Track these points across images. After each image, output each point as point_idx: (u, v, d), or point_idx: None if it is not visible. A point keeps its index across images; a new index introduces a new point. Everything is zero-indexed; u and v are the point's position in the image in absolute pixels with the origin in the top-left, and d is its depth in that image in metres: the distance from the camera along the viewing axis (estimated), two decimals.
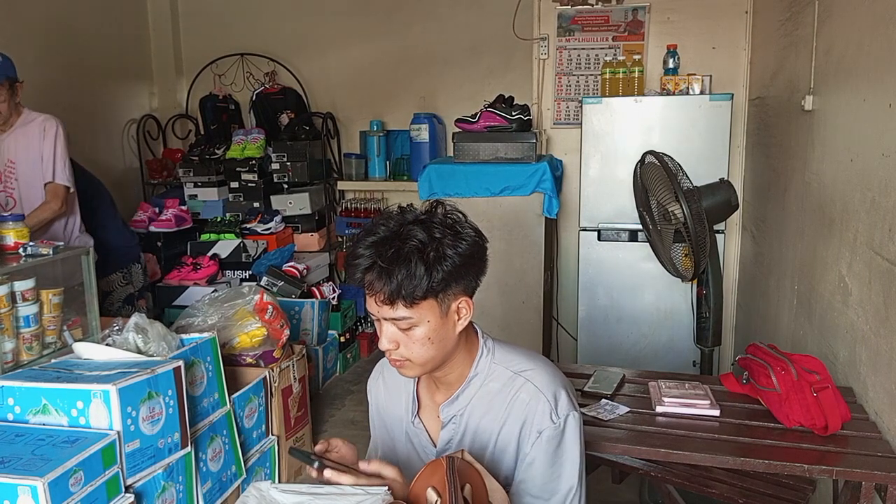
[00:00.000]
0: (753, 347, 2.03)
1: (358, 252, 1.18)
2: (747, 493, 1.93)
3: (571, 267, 3.81)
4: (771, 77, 3.12)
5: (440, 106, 4.69)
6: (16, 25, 3.91)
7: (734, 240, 3.70)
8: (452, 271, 1.17)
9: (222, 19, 5.01)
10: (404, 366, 1.25)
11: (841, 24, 2.22)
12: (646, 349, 3.44)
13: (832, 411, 1.76)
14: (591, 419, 1.88)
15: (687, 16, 3.62)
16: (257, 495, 1.11)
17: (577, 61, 3.80)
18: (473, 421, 1.30)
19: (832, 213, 2.21)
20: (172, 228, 4.20)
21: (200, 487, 2.20)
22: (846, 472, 1.65)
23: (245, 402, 2.55)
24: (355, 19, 4.79)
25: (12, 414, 1.88)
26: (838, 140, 2.20)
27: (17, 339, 2.28)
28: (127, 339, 2.18)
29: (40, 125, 2.97)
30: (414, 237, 1.16)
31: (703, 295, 2.80)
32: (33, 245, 2.36)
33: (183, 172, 4.48)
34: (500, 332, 2.99)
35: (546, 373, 1.29)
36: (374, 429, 1.52)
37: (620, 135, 3.33)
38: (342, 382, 4.05)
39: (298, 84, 4.89)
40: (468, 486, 1.09)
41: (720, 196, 2.63)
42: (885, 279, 1.79)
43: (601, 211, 3.41)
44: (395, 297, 1.15)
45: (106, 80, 4.62)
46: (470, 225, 1.24)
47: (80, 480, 1.67)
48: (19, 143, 2.95)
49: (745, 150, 3.61)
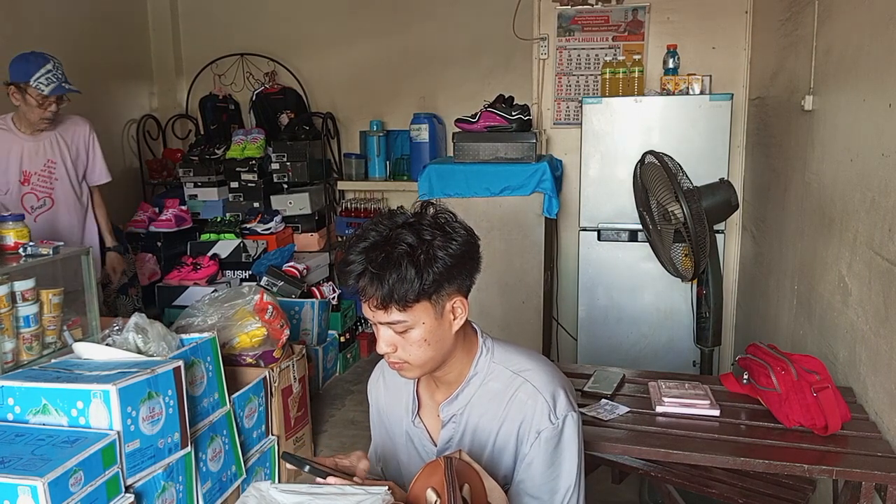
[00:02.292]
0: (753, 347, 2.03)
1: (349, 259, 1.18)
2: (747, 493, 1.94)
3: (571, 267, 3.81)
4: (771, 77, 3.12)
5: (440, 106, 4.70)
6: (16, 25, 3.91)
7: (734, 240, 3.70)
8: (444, 272, 1.17)
9: (222, 19, 5.01)
10: (403, 368, 1.25)
11: (841, 24, 2.22)
12: (646, 349, 3.44)
13: (832, 411, 1.75)
14: (590, 419, 1.88)
15: (687, 16, 3.62)
16: (257, 495, 1.11)
17: (577, 61, 3.80)
18: (473, 420, 1.30)
19: (832, 213, 2.21)
20: (172, 228, 4.20)
21: (200, 487, 2.20)
22: (846, 472, 1.65)
23: (245, 402, 2.56)
24: (355, 19, 4.79)
25: (12, 414, 1.88)
26: (838, 140, 2.20)
27: (17, 339, 2.29)
28: (127, 339, 2.19)
29: (76, 125, 3.05)
30: (403, 241, 1.16)
31: (703, 295, 2.80)
32: (33, 245, 2.36)
33: (183, 172, 4.48)
34: (500, 332, 2.99)
35: (545, 373, 1.29)
36: (374, 429, 1.52)
37: (620, 135, 3.33)
38: (342, 382, 4.05)
39: (298, 84, 4.90)
40: (467, 486, 1.09)
41: (720, 196, 2.63)
42: (884, 279, 1.79)
43: (601, 211, 3.41)
44: (388, 301, 1.15)
45: (106, 80, 4.62)
46: (460, 224, 1.24)
47: (80, 480, 1.67)
48: (58, 143, 3.00)
49: (744, 150, 3.60)
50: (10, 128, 2.90)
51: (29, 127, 2.89)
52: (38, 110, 2.80)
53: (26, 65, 2.75)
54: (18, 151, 2.90)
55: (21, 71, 2.75)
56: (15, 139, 2.90)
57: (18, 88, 2.76)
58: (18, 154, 2.90)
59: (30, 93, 2.75)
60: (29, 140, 2.91)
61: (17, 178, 2.90)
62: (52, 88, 2.75)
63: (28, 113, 2.81)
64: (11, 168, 2.89)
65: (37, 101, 2.77)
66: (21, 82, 2.74)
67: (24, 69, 2.74)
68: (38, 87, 2.73)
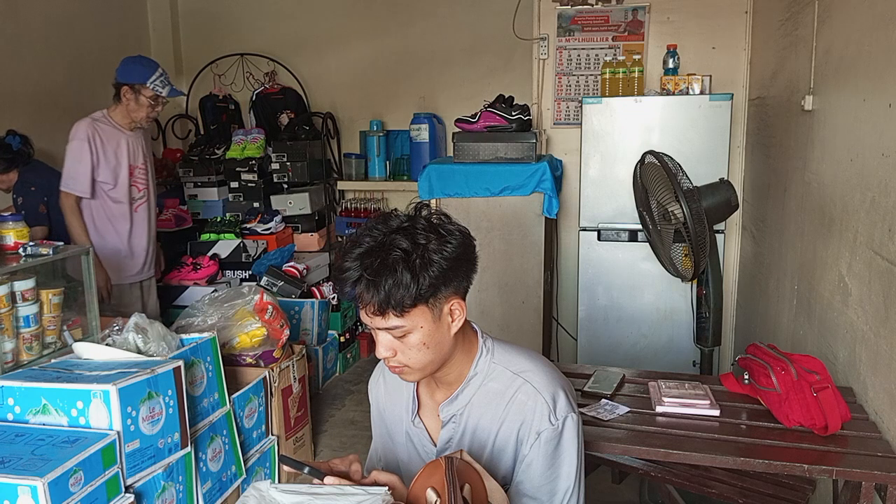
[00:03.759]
0: (753, 347, 2.03)
1: (345, 266, 1.17)
2: (747, 493, 1.94)
3: (571, 267, 3.81)
4: (771, 77, 3.12)
5: (440, 106, 4.70)
6: (16, 25, 3.92)
7: (734, 240, 3.70)
8: (440, 275, 1.17)
9: (222, 19, 5.01)
10: (404, 371, 1.25)
11: (841, 24, 2.22)
12: (646, 349, 3.44)
13: (832, 411, 1.75)
14: (591, 419, 1.88)
15: (687, 16, 3.62)
16: (257, 495, 1.11)
17: (577, 61, 3.80)
18: (472, 420, 1.30)
19: (832, 213, 2.21)
20: (172, 228, 4.20)
21: (200, 487, 2.20)
22: (846, 472, 1.65)
23: (245, 402, 2.56)
24: (355, 19, 4.80)
25: (12, 414, 1.88)
26: (838, 140, 2.20)
27: (17, 339, 2.29)
28: (127, 339, 2.18)
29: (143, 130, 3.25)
30: (398, 246, 1.15)
31: (703, 295, 2.80)
32: (33, 245, 2.36)
33: (183, 172, 4.48)
34: (500, 332, 2.99)
35: (545, 373, 1.29)
36: (375, 428, 1.52)
37: (620, 135, 3.33)
38: (342, 382, 4.05)
39: (298, 84, 4.90)
40: (467, 486, 1.09)
41: (720, 196, 2.63)
42: (884, 279, 1.79)
43: (601, 211, 3.41)
44: (384, 307, 1.15)
45: (106, 81, 4.59)
46: (455, 225, 1.23)
47: (79, 480, 1.67)
48: (142, 142, 3.22)
49: (744, 150, 3.61)
50: (112, 123, 3.08)
51: (128, 125, 3.10)
52: (147, 109, 3.05)
53: (142, 68, 3.02)
54: (125, 146, 3.10)
55: (137, 73, 3.00)
56: (120, 134, 3.09)
57: (132, 89, 3.00)
58: (125, 148, 3.10)
59: (144, 93, 3.00)
60: (130, 136, 3.12)
61: (127, 171, 3.11)
62: (169, 90, 3.04)
63: (135, 112, 3.05)
64: (122, 161, 3.09)
65: (150, 101, 3.03)
66: (137, 83, 2.99)
67: (140, 72, 3.00)
68: (156, 88, 3.00)
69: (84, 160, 2.97)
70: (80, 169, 2.98)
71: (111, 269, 3.12)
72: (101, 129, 3.03)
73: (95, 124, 3.02)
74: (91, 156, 2.98)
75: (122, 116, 3.08)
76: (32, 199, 3.43)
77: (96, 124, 3.02)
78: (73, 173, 2.99)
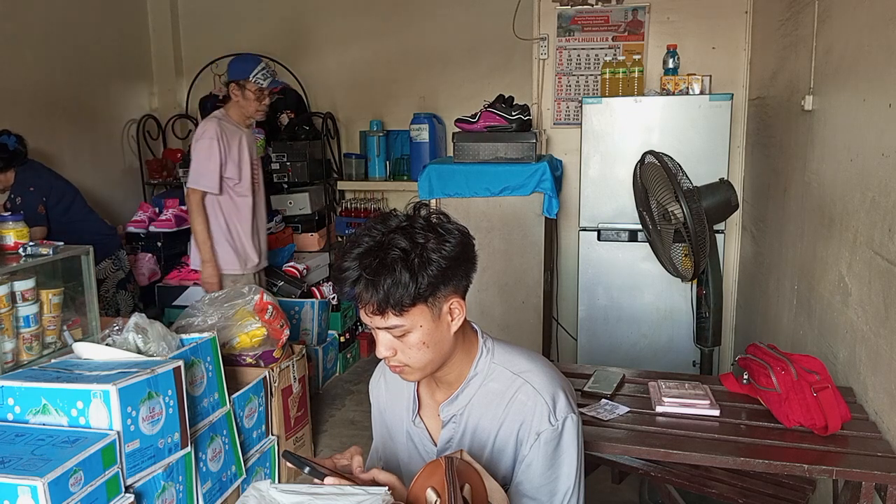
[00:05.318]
0: (753, 347, 2.03)
1: (344, 266, 1.18)
2: (747, 493, 1.94)
3: (571, 267, 3.81)
4: (771, 77, 3.12)
5: (440, 106, 4.70)
6: (16, 25, 3.91)
7: (734, 240, 3.70)
8: (439, 274, 1.17)
9: (222, 19, 5.01)
10: (404, 371, 1.25)
11: (841, 24, 2.22)
12: (646, 349, 3.44)
13: (832, 411, 1.76)
14: (590, 419, 1.88)
15: (687, 16, 3.62)
16: (257, 495, 1.11)
17: (577, 61, 3.80)
18: (473, 420, 1.30)
19: (832, 213, 2.21)
20: (172, 228, 4.20)
21: (200, 487, 2.20)
22: (846, 472, 1.65)
23: (245, 402, 2.56)
24: (355, 19, 4.79)
25: (12, 414, 1.88)
26: (838, 140, 2.20)
27: (17, 339, 2.29)
28: (127, 339, 2.19)
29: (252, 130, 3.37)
30: (396, 245, 1.15)
31: (702, 295, 2.80)
32: (33, 245, 2.36)
33: (183, 172, 4.47)
34: (500, 332, 2.99)
35: (545, 374, 1.29)
36: (375, 428, 1.52)
37: (620, 135, 3.33)
38: (342, 382, 4.05)
39: (298, 84, 4.89)
40: (467, 486, 1.09)
41: (720, 196, 2.63)
42: (884, 279, 1.79)
43: (601, 211, 3.41)
44: (384, 306, 1.15)
45: (106, 80, 4.62)
46: (454, 224, 1.23)
47: (79, 480, 1.67)
48: (251, 142, 3.31)
49: (744, 150, 3.61)
50: (231, 122, 3.19)
51: (243, 121, 3.23)
52: (255, 103, 3.16)
53: (245, 64, 3.14)
54: (245, 142, 3.21)
55: (241, 70, 3.12)
56: (239, 131, 3.20)
57: (238, 85, 3.12)
58: (245, 145, 3.22)
59: (249, 87, 3.11)
60: (245, 132, 3.25)
61: (249, 166, 3.23)
62: (269, 82, 3.14)
63: (246, 107, 3.17)
64: (244, 157, 3.20)
65: (255, 94, 3.13)
66: (241, 79, 3.10)
67: (243, 68, 3.12)
68: (257, 81, 3.10)
69: (213, 157, 3.06)
70: (209, 166, 3.06)
71: (240, 260, 3.22)
72: (225, 127, 3.13)
73: (220, 123, 3.11)
74: (220, 153, 3.07)
75: (237, 113, 3.20)
76: (31, 200, 3.43)
77: (221, 123, 3.11)
78: (202, 171, 3.07)
